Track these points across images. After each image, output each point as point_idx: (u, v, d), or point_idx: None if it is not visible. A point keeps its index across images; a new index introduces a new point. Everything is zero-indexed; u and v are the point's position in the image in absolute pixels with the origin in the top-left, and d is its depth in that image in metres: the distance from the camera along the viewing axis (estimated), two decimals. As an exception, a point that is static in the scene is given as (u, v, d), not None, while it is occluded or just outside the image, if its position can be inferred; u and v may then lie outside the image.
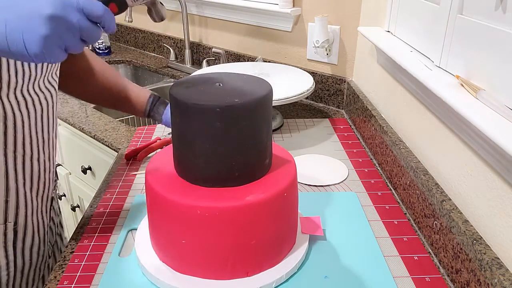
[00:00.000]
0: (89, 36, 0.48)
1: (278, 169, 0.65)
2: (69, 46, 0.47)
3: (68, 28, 0.46)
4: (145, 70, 1.83)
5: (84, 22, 0.47)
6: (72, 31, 0.46)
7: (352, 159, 1.00)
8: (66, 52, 0.47)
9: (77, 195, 1.43)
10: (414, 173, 0.79)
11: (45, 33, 0.44)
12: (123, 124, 1.21)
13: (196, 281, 0.62)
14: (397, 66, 0.89)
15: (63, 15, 0.45)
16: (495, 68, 0.62)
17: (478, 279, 0.58)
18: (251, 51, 1.53)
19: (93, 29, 0.48)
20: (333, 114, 1.28)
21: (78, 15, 0.46)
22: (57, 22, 0.45)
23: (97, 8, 0.47)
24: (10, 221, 0.67)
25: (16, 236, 0.68)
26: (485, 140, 0.59)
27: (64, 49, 0.47)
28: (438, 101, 0.73)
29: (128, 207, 0.83)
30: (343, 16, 1.22)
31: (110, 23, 0.49)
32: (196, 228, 0.59)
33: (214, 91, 0.60)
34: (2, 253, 0.67)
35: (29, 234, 0.70)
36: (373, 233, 0.75)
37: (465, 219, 0.64)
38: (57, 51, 0.46)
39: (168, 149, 0.70)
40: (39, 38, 0.44)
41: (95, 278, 0.66)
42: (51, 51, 0.46)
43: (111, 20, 0.49)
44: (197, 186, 0.61)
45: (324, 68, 1.33)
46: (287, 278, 0.64)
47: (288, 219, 0.65)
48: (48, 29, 0.44)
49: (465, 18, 0.69)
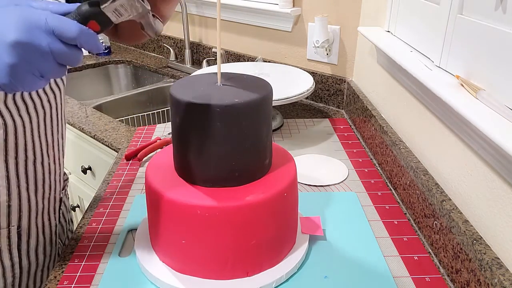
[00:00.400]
0: (66, 59, 0.43)
1: (278, 169, 0.65)
2: (44, 72, 0.43)
3: (38, 53, 0.41)
4: (145, 70, 1.83)
5: (57, 45, 0.42)
6: (44, 56, 0.42)
7: (352, 159, 1.00)
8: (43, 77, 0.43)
9: (77, 195, 1.43)
10: (414, 173, 0.79)
11: (10, 62, 0.40)
12: (123, 124, 1.21)
13: (196, 281, 0.62)
14: (397, 66, 0.89)
15: (30, 40, 0.40)
16: (495, 68, 0.62)
17: (478, 279, 0.58)
18: (251, 51, 1.53)
19: (69, 52, 0.43)
20: (333, 114, 1.28)
21: (48, 38, 0.41)
22: (24, 48, 0.40)
23: (70, 29, 0.42)
24: (13, 225, 0.66)
25: (20, 239, 0.68)
26: (485, 140, 0.59)
27: (40, 76, 0.43)
28: (438, 101, 0.73)
29: (128, 207, 0.83)
30: (343, 16, 1.22)
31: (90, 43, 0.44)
32: (196, 228, 0.59)
33: (214, 91, 0.60)
34: (7, 255, 0.67)
35: (34, 236, 0.70)
36: (373, 233, 0.75)
37: (465, 219, 0.64)
38: (31, 78, 0.42)
39: (168, 149, 0.70)
40: (5, 67, 0.40)
41: (95, 278, 0.66)
42: (22, 79, 0.42)
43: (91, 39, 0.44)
44: (197, 186, 0.61)
45: (324, 68, 1.33)
46: (287, 278, 0.64)
47: (288, 219, 0.65)
48: (13, 56, 0.40)
49: (465, 18, 0.69)
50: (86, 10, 0.45)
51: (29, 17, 0.41)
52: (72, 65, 0.45)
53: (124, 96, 1.56)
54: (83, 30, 0.43)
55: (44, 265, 0.74)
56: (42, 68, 0.42)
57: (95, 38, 0.45)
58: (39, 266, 0.73)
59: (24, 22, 0.41)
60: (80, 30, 0.43)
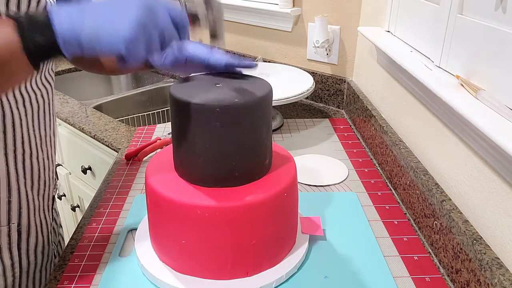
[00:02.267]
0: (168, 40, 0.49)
1: (278, 169, 0.65)
2: (151, 46, 0.47)
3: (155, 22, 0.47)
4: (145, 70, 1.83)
5: (169, 23, 0.48)
6: (157, 27, 0.47)
7: (352, 159, 1.00)
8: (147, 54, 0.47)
9: (77, 195, 1.43)
10: (414, 173, 0.78)
11: (135, 19, 0.45)
12: (123, 124, 1.21)
13: (196, 281, 0.62)
14: (397, 66, 0.89)
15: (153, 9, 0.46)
16: (495, 68, 0.62)
17: (478, 279, 0.58)
18: (251, 51, 1.53)
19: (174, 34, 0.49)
20: (333, 114, 1.28)
21: (165, 14, 0.47)
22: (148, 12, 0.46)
23: (180, 13, 0.49)
24: (14, 222, 0.66)
25: (20, 237, 0.68)
26: (485, 140, 0.59)
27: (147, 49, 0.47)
28: (438, 101, 0.73)
29: (128, 207, 0.83)
30: (343, 16, 1.22)
31: (187, 32, 0.51)
32: (196, 228, 0.59)
33: (214, 91, 0.60)
34: (7, 254, 0.67)
35: (33, 235, 0.70)
36: (373, 233, 0.75)
37: (465, 219, 0.64)
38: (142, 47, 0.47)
39: (168, 149, 0.70)
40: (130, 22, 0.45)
41: (95, 278, 0.66)
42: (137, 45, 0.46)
43: (187, 30, 0.51)
44: (197, 186, 0.61)
45: (324, 68, 1.33)
46: (287, 278, 0.64)
47: (288, 219, 0.65)
48: (139, 16, 0.45)
49: (465, 18, 0.69)
50: None
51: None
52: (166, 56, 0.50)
53: (124, 96, 1.56)
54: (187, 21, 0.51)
55: (42, 265, 0.74)
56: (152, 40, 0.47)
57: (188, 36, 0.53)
58: (38, 266, 0.73)
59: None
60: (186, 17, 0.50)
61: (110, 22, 0.45)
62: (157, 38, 0.48)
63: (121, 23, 0.45)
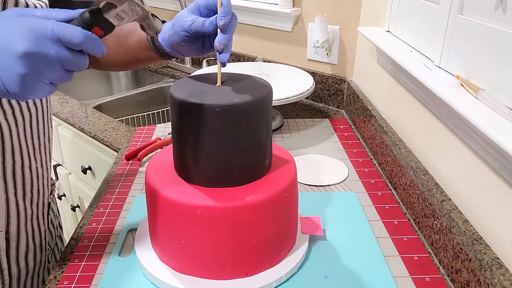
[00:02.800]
0: (73, 65, 0.44)
1: (278, 169, 0.65)
2: (53, 79, 0.44)
3: (47, 61, 0.42)
4: (145, 70, 1.83)
5: (64, 52, 0.43)
6: (52, 64, 0.43)
7: (352, 159, 1.00)
8: (52, 84, 0.44)
9: (77, 195, 1.43)
10: (414, 173, 0.79)
11: (21, 72, 0.42)
12: (123, 124, 1.21)
13: (196, 281, 0.62)
14: (397, 66, 0.89)
15: (38, 50, 0.42)
16: (495, 68, 0.62)
17: (478, 279, 0.58)
18: (251, 51, 1.53)
19: (76, 58, 0.44)
20: (333, 114, 1.28)
21: (55, 47, 0.42)
22: (33, 57, 0.42)
23: (75, 36, 0.43)
24: (1, 230, 0.65)
25: (8, 244, 0.67)
26: (485, 140, 0.59)
27: (49, 83, 0.44)
28: (438, 101, 0.73)
29: (128, 207, 0.83)
30: (343, 16, 1.22)
31: (95, 48, 0.45)
32: (196, 228, 0.59)
33: (214, 91, 0.60)
34: None
35: (23, 242, 0.69)
36: (373, 233, 0.75)
37: (465, 219, 0.64)
38: (41, 86, 0.43)
39: (168, 149, 0.70)
40: (16, 77, 0.42)
41: (95, 278, 0.66)
42: (33, 88, 0.43)
43: (96, 44, 0.45)
44: (197, 186, 0.61)
45: (324, 68, 1.33)
46: (287, 278, 0.64)
47: (288, 219, 0.65)
48: (23, 67, 0.41)
49: (465, 18, 0.69)
50: (89, 17, 0.46)
51: (35, 27, 0.42)
52: (78, 70, 0.45)
53: (124, 96, 1.56)
54: (88, 36, 0.44)
55: (34, 272, 0.73)
56: (51, 76, 0.44)
57: (99, 42, 0.46)
58: (29, 273, 0.72)
59: (31, 33, 0.42)
60: (85, 36, 0.44)
61: None
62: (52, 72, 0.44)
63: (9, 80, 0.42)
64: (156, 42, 0.69)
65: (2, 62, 0.42)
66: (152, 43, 0.70)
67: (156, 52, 0.70)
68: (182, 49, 0.65)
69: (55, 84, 0.45)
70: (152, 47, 0.70)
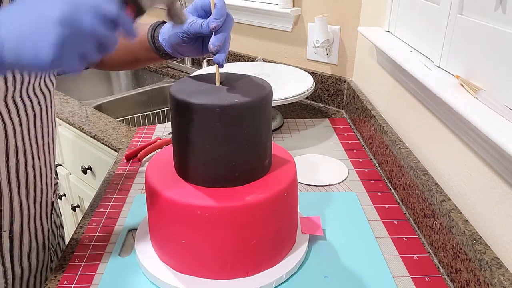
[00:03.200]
0: (106, 41, 0.43)
1: (278, 169, 0.65)
2: (85, 53, 0.43)
3: (83, 31, 0.41)
4: (145, 70, 1.83)
5: (99, 25, 0.42)
6: (86, 36, 0.42)
7: (352, 159, 1.00)
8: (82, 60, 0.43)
9: (77, 195, 1.43)
10: (414, 173, 0.79)
11: (55, 40, 0.40)
12: (123, 124, 1.22)
13: (196, 281, 0.62)
14: (397, 66, 0.89)
15: (75, 19, 0.41)
16: (495, 68, 0.62)
17: (478, 279, 0.58)
18: (251, 51, 1.53)
19: (109, 35, 0.43)
20: (333, 114, 1.28)
21: (92, 17, 0.41)
22: (69, 26, 0.40)
23: (111, 8, 0.42)
24: (5, 230, 0.65)
25: (12, 244, 0.67)
26: (485, 140, 0.59)
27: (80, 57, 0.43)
28: (438, 101, 0.73)
29: (128, 207, 0.83)
30: (343, 16, 1.22)
31: (128, 26, 0.45)
32: (196, 228, 0.59)
33: (214, 91, 0.60)
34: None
35: (26, 241, 0.69)
36: (373, 233, 0.75)
37: (465, 219, 0.64)
38: (73, 59, 0.42)
39: (168, 149, 0.70)
40: (50, 45, 0.40)
41: (95, 278, 0.66)
42: (66, 60, 0.42)
43: (128, 23, 0.45)
44: (197, 186, 0.61)
45: (324, 68, 1.33)
46: (287, 278, 0.64)
47: (288, 219, 0.65)
48: (59, 34, 0.40)
49: (465, 18, 0.69)
50: None
51: None
52: (107, 51, 0.44)
53: (124, 96, 1.56)
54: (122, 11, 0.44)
55: (37, 271, 0.73)
56: (84, 49, 0.42)
57: (131, 22, 0.45)
58: (32, 272, 0.72)
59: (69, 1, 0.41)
60: (120, 11, 0.43)
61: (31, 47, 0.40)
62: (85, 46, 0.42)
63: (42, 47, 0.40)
64: (157, 43, 0.70)
65: (38, 25, 0.40)
66: (152, 44, 0.70)
67: (156, 52, 0.71)
68: (182, 50, 0.66)
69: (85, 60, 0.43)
70: (153, 48, 0.70)
